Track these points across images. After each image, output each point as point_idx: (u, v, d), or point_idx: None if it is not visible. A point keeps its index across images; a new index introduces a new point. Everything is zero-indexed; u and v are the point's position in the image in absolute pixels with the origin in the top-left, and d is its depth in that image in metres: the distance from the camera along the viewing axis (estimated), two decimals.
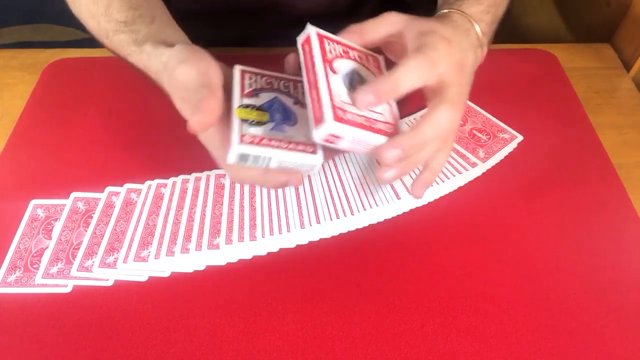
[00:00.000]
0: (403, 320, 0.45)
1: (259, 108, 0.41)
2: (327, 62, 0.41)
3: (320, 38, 0.42)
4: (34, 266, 0.48)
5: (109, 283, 0.47)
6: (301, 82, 0.43)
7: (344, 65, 0.42)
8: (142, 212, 0.51)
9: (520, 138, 0.58)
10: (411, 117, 0.60)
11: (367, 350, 0.43)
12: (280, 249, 0.49)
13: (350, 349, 0.43)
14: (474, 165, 0.56)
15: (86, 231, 0.50)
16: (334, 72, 0.41)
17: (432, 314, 0.45)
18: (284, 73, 0.46)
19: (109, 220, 0.51)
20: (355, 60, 0.43)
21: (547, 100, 0.63)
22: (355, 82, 0.42)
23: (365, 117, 0.40)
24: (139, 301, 0.46)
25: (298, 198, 0.53)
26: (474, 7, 0.48)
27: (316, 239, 0.50)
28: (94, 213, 0.51)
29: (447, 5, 0.49)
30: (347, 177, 0.54)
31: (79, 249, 0.49)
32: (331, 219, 0.51)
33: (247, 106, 0.41)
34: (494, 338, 0.44)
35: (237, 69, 0.44)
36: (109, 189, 0.53)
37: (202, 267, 0.48)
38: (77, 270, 0.47)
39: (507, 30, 0.59)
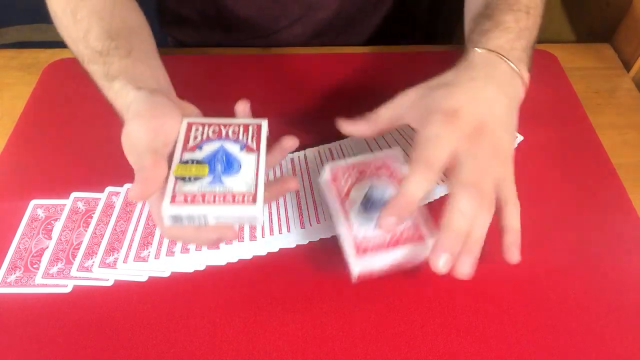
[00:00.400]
0: (403, 320, 0.45)
1: (199, 162, 0.40)
2: (343, 199, 0.45)
3: (334, 175, 0.47)
4: (34, 266, 0.48)
5: (109, 283, 0.47)
6: (252, 124, 0.44)
7: (360, 192, 0.46)
8: (142, 212, 0.51)
9: (520, 138, 0.58)
10: None
11: (367, 350, 0.43)
12: (280, 249, 0.49)
13: (350, 349, 0.43)
14: None
15: (86, 231, 0.50)
16: (350, 204, 0.45)
17: (432, 314, 0.45)
18: (235, 117, 0.45)
19: (109, 220, 0.51)
20: (370, 177, 0.47)
21: (547, 100, 0.63)
22: (373, 204, 0.44)
23: (390, 236, 0.43)
24: (139, 301, 0.46)
25: (298, 198, 0.53)
26: (502, 38, 0.47)
27: (316, 238, 0.50)
28: (94, 213, 0.51)
29: (472, 41, 0.48)
30: None
31: (79, 249, 0.49)
32: (331, 219, 0.51)
33: (186, 162, 0.40)
34: (494, 338, 0.44)
35: (185, 122, 0.43)
36: (109, 189, 0.53)
37: (202, 267, 0.48)
38: (77, 270, 0.47)
39: None
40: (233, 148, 0.42)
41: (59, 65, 0.66)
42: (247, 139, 0.43)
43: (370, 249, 0.43)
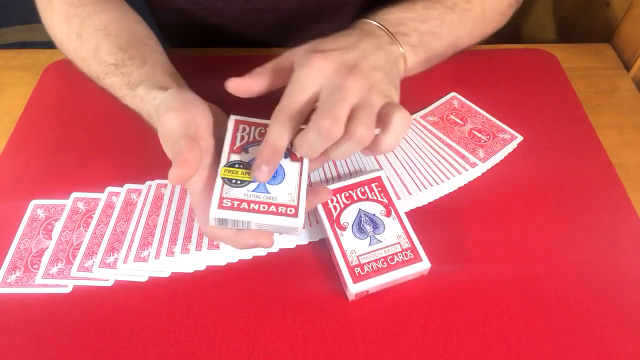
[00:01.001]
0: (403, 321, 0.45)
1: (245, 166, 0.41)
2: (335, 222, 0.48)
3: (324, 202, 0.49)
4: (34, 266, 0.48)
5: (109, 283, 0.47)
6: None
7: (351, 215, 0.48)
8: (142, 212, 0.51)
9: (520, 138, 0.58)
10: (411, 117, 0.60)
11: (367, 351, 0.43)
12: (280, 249, 0.49)
13: (350, 349, 0.43)
14: (473, 165, 0.56)
15: (86, 231, 0.50)
16: (343, 228, 0.47)
17: (432, 314, 0.45)
18: None
19: (109, 221, 0.51)
20: (358, 200, 0.50)
21: (547, 100, 0.63)
22: (365, 224, 0.48)
23: (383, 256, 0.46)
24: (139, 301, 0.46)
25: None
26: (394, 15, 0.47)
27: (316, 239, 0.50)
28: (94, 213, 0.51)
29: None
30: (346, 177, 0.54)
31: (79, 249, 0.49)
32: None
33: (233, 164, 0.41)
34: (494, 338, 0.44)
35: (232, 120, 0.44)
36: (109, 189, 0.53)
37: (202, 267, 0.48)
38: (77, 271, 0.47)
39: (507, 30, 0.59)
40: None
41: (59, 66, 0.66)
42: (291, 145, 0.43)
43: (365, 275, 0.45)
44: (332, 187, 0.50)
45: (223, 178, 0.40)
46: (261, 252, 0.49)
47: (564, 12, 0.82)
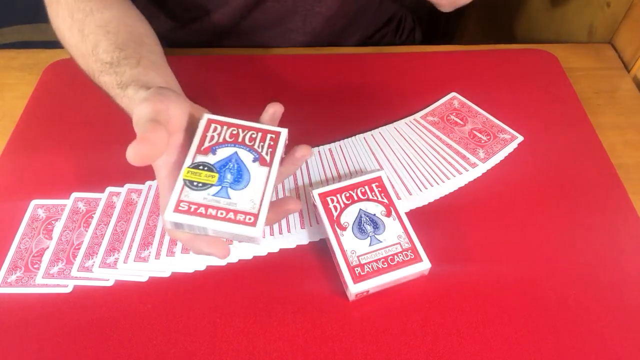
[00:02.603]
0: (402, 321, 0.45)
1: (210, 168, 0.40)
2: (335, 222, 0.48)
3: (323, 198, 0.49)
4: (35, 266, 0.48)
5: (110, 283, 0.47)
6: (271, 132, 0.43)
7: (351, 215, 0.48)
8: (142, 212, 0.51)
9: (520, 138, 0.58)
10: (411, 118, 0.60)
11: (367, 351, 0.43)
12: (281, 249, 0.49)
13: (350, 349, 0.43)
14: (474, 165, 0.56)
15: (87, 231, 0.50)
16: (343, 228, 0.47)
17: (432, 314, 0.45)
18: (258, 122, 0.44)
19: (110, 221, 0.51)
20: (358, 200, 0.49)
21: (547, 101, 0.63)
22: (365, 224, 0.48)
23: (383, 256, 0.46)
24: (139, 301, 0.46)
25: (298, 198, 0.53)
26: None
27: (316, 239, 0.50)
28: (94, 213, 0.51)
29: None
30: (347, 177, 0.54)
31: (79, 249, 0.49)
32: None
33: (197, 166, 0.40)
34: (494, 338, 0.44)
35: (204, 119, 0.42)
36: (109, 189, 0.53)
37: (202, 267, 0.48)
38: (77, 271, 0.47)
39: (507, 31, 0.59)
40: (246, 157, 0.41)
41: (59, 66, 0.66)
42: (262, 149, 0.42)
43: (366, 275, 0.45)
44: (332, 187, 0.50)
45: (184, 180, 0.39)
46: (261, 252, 0.49)
47: (564, 12, 0.82)
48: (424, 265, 0.46)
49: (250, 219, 0.38)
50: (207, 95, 0.48)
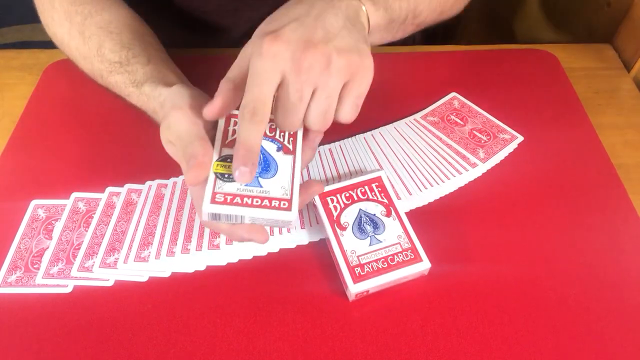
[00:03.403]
0: (403, 321, 0.45)
1: None
2: (335, 222, 0.48)
3: (323, 198, 0.49)
4: (35, 266, 0.48)
5: (110, 283, 0.47)
6: None
7: (351, 215, 0.48)
8: (142, 212, 0.51)
9: (520, 138, 0.58)
10: (411, 118, 0.60)
11: (367, 351, 0.43)
12: (281, 249, 0.49)
13: (350, 349, 0.43)
14: (474, 165, 0.56)
15: (87, 231, 0.50)
16: (343, 228, 0.47)
17: (432, 314, 0.45)
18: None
19: (110, 221, 0.51)
20: (358, 200, 0.49)
21: (547, 101, 0.63)
22: (365, 224, 0.48)
23: (383, 256, 0.46)
24: (139, 301, 0.46)
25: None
26: None
27: (316, 239, 0.50)
28: (94, 213, 0.51)
29: None
30: (347, 177, 0.54)
31: (79, 249, 0.49)
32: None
33: (225, 159, 0.41)
34: (494, 338, 0.44)
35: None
36: (109, 189, 0.53)
37: (202, 267, 0.48)
38: (77, 271, 0.47)
39: (507, 31, 0.59)
40: (270, 147, 0.42)
41: (59, 66, 0.66)
42: (283, 138, 0.43)
43: (366, 275, 0.45)
44: (332, 187, 0.50)
45: (215, 173, 0.40)
46: (261, 252, 0.49)
47: (564, 12, 0.82)
48: (424, 265, 0.46)
49: (284, 204, 0.39)
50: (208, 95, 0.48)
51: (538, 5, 0.88)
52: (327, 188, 0.50)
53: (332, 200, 0.49)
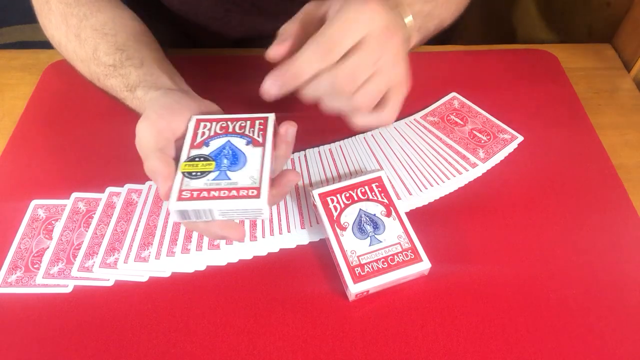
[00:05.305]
0: (403, 321, 0.45)
1: (205, 158, 0.41)
2: (335, 222, 0.48)
3: (323, 198, 0.49)
4: (35, 266, 0.48)
5: (110, 283, 0.47)
6: (259, 119, 0.44)
7: (351, 215, 0.48)
8: (142, 212, 0.51)
9: (520, 138, 0.58)
10: (411, 118, 0.60)
11: (367, 351, 0.43)
12: (281, 249, 0.49)
13: (350, 349, 0.43)
14: (474, 165, 0.56)
15: (87, 231, 0.50)
16: (343, 228, 0.47)
17: (432, 314, 0.45)
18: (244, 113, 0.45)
19: (110, 221, 0.51)
20: (358, 200, 0.49)
21: (547, 101, 0.63)
22: (365, 225, 0.48)
23: (383, 256, 0.46)
24: (140, 301, 0.46)
25: (298, 198, 0.53)
26: None
27: (316, 239, 0.50)
28: (94, 213, 0.51)
29: None
30: (347, 177, 0.54)
31: (79, 249, 0.49)
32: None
33: (193, 159, 0.41)
34: (494, 338, 0.44)
35: (193, 120, 0.44)
36: (109, 189, 0.53)
37: (202, 267, 0.48)
38: (77, 271, 0.47)
39: (507, 31, 0.59)
40: (239, 142, 0.42)
41: (59, 66, 0.66)
42: (253, 133, 0.43)
43: (366, 275, 0.45)
44: (332, 187, 0.50)
45: (183, 172, 0.40)
46: (261, 252, 0.49)
47: (564, 12, 0.82)
48: (424, 265, 0.46)
49: (253, 192, 0.39)
50: (207, 95, 0.48)
51: (538, 5, 0.88)
52: (327, 188, 0.50)
53: (332, 200, 0.49)
